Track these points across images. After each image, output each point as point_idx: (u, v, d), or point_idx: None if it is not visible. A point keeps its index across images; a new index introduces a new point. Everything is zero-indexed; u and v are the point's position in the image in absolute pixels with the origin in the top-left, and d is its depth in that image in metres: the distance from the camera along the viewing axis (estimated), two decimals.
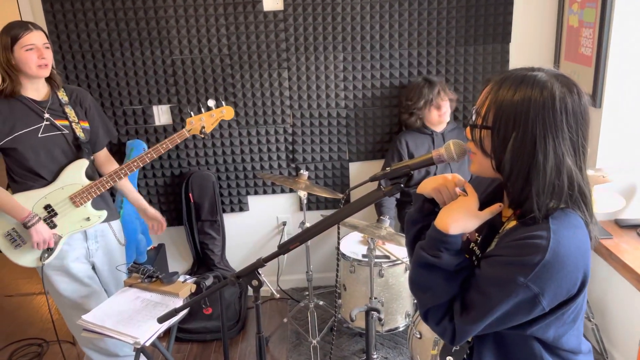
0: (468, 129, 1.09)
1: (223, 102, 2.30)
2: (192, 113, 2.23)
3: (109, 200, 2.34)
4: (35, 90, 2.08)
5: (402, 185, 1.17)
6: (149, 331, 1.94)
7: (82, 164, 2.14)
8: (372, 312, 1.91)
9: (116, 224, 2.36)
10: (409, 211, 1.27)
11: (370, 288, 2.28)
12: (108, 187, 2.15)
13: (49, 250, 2.11)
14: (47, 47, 2.01)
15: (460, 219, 1.07)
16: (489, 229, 1.15)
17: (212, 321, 2.88)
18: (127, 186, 2.36)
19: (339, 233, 1.51)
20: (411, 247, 1.23)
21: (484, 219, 1.08)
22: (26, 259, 2.12)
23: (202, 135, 2.23)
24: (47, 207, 2.09)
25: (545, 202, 1.00)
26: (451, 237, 1.07)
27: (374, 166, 3.08)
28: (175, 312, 1.56)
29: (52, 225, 2.11)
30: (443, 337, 1.11)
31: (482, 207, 1.17)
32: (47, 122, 2.07)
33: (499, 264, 1.01)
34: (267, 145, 3.04)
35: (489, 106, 1.03)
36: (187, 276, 2.27)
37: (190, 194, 3.01)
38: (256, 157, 3.06)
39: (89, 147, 2.18)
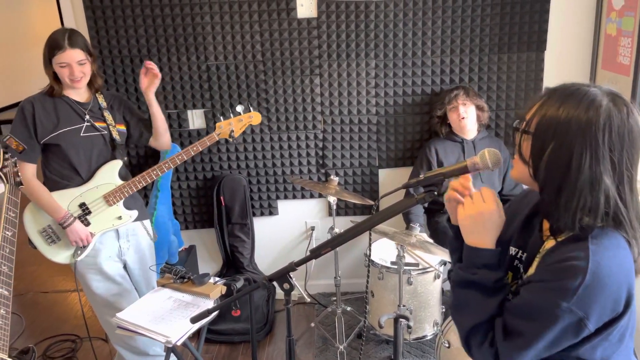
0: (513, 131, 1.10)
1: (251, 108, 2.36)
2: (222, 118, 2.29)
3: (140, 200, 2.42)
4: (78, 93, 2.19)
5: (435, 193, 1.18)
6: (180, 331, 1.98)
7: (116, 164, 2.23)
8: (401, 320, 1.91)
9: (147, 222, 2.43)
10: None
11: (399, 295, 2.28)
12: (140, 187, 2.23)
13: (82, 248, 2.19)
14: (83, 64, 2.09)
15: (481, 231, 1.08)
16: (531, 247, 1.14)
17: (240, 323, 2.92)
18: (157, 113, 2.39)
19: (370, 239, 1.52)
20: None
21: (501, 217, 1.09)
22: (60, 255, 2.21)
23: (231, 139, 2.29)
24: (82, 205, 2.18)
25: (576, 216, 0.99)
26: (484, 251, 1.08)
27: (404, 173, 3.08)
28: (208, 312, 1.59)
29: (86, 223, 2.20)
30: None
31: (528, 223, 1.17)
32: (88, 124, 2.17)
33: (540, 290, 1.00)
34: (298, 151, 3.07)
35: (534, 113, 1.04)
36: (217, 278, 2.31)
37: (221, 197, 3.06)
38: (287, 162, 3.09)
39: (123, 149, 2.28)
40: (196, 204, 3.16)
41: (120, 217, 2.24)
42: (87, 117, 2.17)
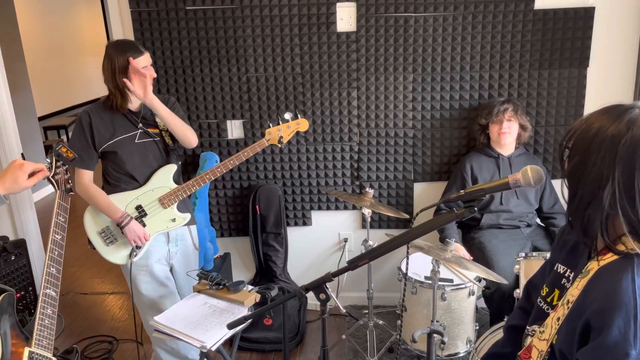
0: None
1: (299, 115, 2.41)
2: (270, 124, 2.35)
3: (190, 206, 2.48)
4: (132, 101, 2.27)
5: (475, 209, 1.18)
6: (215, 336, 2.01)
7: (171, 168, 2.32)
8: (435, 335, 1.89)
9: (194, 229, 2.50)
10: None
11: (433, 311, 2.26)
12: (194, 190, 2.30)
13: (138, 249, 2.28)
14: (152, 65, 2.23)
15: None
16: (579, 268, 1.13)
17: (272, 332, 2.94)
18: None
19: (408, 253, 1.52)
20: None
21: None
22: (117, 255, 2.29)
23: (280, 145, 2.34)
24: (139, 207, 2.27)
25: (589, 229, 1.00)
26: None
27: (439, 187, 3.06)
28: (245, 319, 1.62)
29: (142, 225, 2.28)
30: None
31: (575, 245, 1.16)
32: (141, 130, 2.26)
33: (599, 349, 0.96)
34: (333, 162, 3.09)
35: (576, 129, 1.04)
36: (251, 286, 2.34)
37: (257, 206, 3.11)
38: (322, 174, 3.12)
39: (177, 153, 2.36)
40: (232, 212, 3.22)
41: (174, 220, 2.32)
42: (140, 124, 2.27)
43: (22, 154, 3.43)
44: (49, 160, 1.69)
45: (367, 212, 2.59)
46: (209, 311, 2.17)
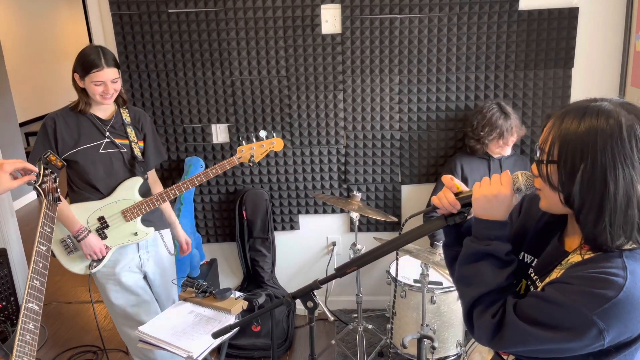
0: (534, 165, 1.08)
1: (274, 134, 2.35)
2: (244, 142, 2.28)
3: (159, 211, 2.39)
4: (102, 109, 2.20)
5: (465, 215, 1.16)
6: (201, 346, 1.97)
7: (136, 181, 2.23)
8: (425, 340, 1.87)
9: (166, 233, 2.43)
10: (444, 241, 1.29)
11: (422, 314, 2.24)
12: (157, 205, 2.23)
13: (98, 261, 2.21)
14: (115, 82, 2.10)
15: (494, 209, 1.09)
16: (549, 257, 1.12)
17: (260, 339, 2.90)
18: (167, 209, 2.44)
19: (397, 259, 1.50)
20: (451, 266, 1.27)
21: (509, 189, 1.09)
22: (76, 266, 2.23)
23: (251, 164, 2.27)
24: (101, 218, 2.20)
25: (618, 234, 0.98)
26: (497, 222, 1.09)
27: (427, 189, 3.05)
28: (230, 328, 1.58)
29: (103, 237, 2.21)
30: (482, 335, 1.08)
31: (545, 231, 1.15)
32: (108, 140, 2.18)
33: (568, 292, 0.98)
34: (320, 166, 3.06)
35: (553, 140, 1.02)
36: (239, 293, 2.30)
37: (243, 211, 3.07)
38: (309, 177, 3.09)
39: (144, 166, 2.28)
40: (218, 218, 3.17)
41: (136, 234, 2.24)
42: (108, 133, 2.18)
43: None
44: (35, 169, 1.63)
45: (355, 215, 2.56)
46: (195, 320, 2.13)
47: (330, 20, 2.82)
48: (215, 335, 1.61)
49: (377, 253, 1.25)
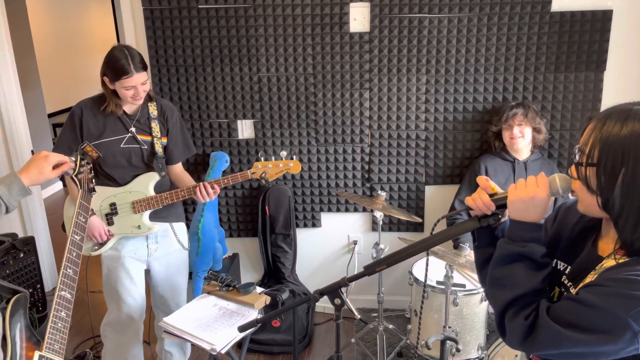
0: (573, 167, 1.07)
1: (294, 157, 2.30)
2: (262, 158, 2.24)
3: (176, 203, 2.37)
4: (129, 105, 2.22)
5: (499, 217, 1.15)
6: (225, 339, 1.99)
7: (152, 176, 2.24)
8: (449, 342, 1.86)
9: (179, 226, 2.41)
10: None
11: (445, 316, 2.23)
12: (166, 204, 2.21)
13: (100, 245, 2.24)
14: (145, 84, 2.12)
15: (530, 212, 1.08)
16: (582, 262, 1.11)
17: (280, 334, 2.92)
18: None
19: (427, 259, 1.49)
20: (482, 270, 1.26)
21: (544, 194, 1.07)
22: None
23: (264, 182, 2.22)
24: (112, 205, 2.23)
25: None
26: (532, 224, 1.08)
27: (451, 190, 3.03)
28: (256, 322, 1.59)
29: (111, 223, 2.24)
30: (514, 337, 1.07)
31: (579, 238, 1.14)
32: (131, 135, 2.20)
33: (602, 294, 0.97)
34: (344, 164, 3.06)
35: (593, 143, 1.01)
36: (260, 288, 2.32)
37: (266, 207, 3.09)
38: (332, 175, 3.09)
39: (164, 162, 2.28)
40: (241, 213, 3.20)
41: (139, 227, 2.24)
42: (132, 128, 2.20)
43: (32, 151, 3.42)
44: (73, 159, 1.67)
45: (379, 215, 2.56)
46: (219, 313, 2.15)
47: (359, 18, 2.82)
48: (242, 328, 1.62)
49: (408, 252, 1.25)
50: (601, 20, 2.71)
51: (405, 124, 2.96)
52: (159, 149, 2.25)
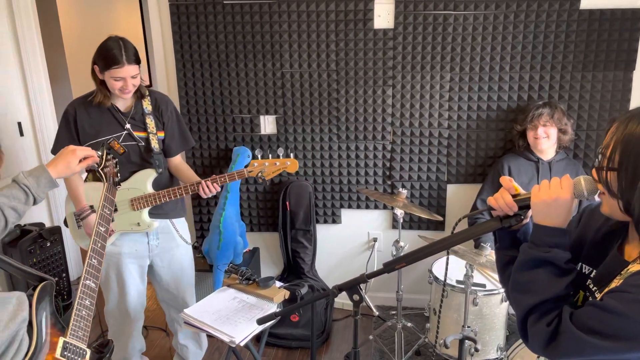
0: (594, 171, 1.05)
1: (291, 155, 2.27)
2: (259, 156, 2.22)
3: (176, 201, 2.37)
4: (122, 100, 2.20)
5: (522, 218, 1.14)
6: (244, 332, 2.02)
7: (150, 173, 2.23)
8: (468, 341, 1.85)
9: (180, 222, 2.42)
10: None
11: (464, 316, 2.21)
12: (164, 201, 2.20)
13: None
14: (135, 77, 2.09)
15: (553, 215, 1.06)
16: (608, 267, 1.09)
17: (298, 329, 2.93)
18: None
19: (448, 257, 1.48)
20: (503, 271, 1.24)
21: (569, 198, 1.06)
22: (83, 241, 2.28)
23: (261, 180, 2.18)
24: None
25: None
26: (557, 229, 1.06)
27: (473, 190, 3.00)
28: (275, 316, 1.61)
29: (111, 220, 2.24)
30: (536, 343, 1.06)
31: (604, 241, 1.12)
32: (127, 132, 2.19)
33: (626, 300, 0.96)
34: (365, 161, 3.06)
35: (614, 146, 0.99)
36: (279, 282, 2.34)
37: (287, 202, 3.10)
38: (353, 172, 3.09)
39: (161, 158, 2.25)
40: (262, 208, 3.22)
41: (138, 224, 2.23)
42: (128, 125, 2.19)
43: None
44: (99, 153, 1.70)
45: (399, 212, 2.55)
46: (239, 306, 2.18)
47: (383, 15, 2.81)
48: (260, 321, 1.64)
49: (428, 251, 1.24)
50: (631, 19, 2.65)
51: (428, 121, 2.94)
52: (155, 145, 2.22)
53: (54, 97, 3.46)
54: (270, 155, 2.19)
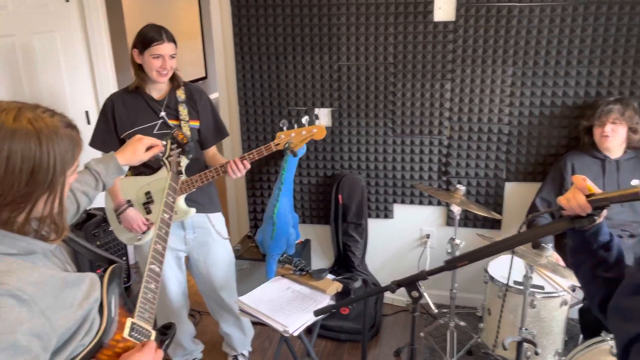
0: None
1: (317, 122, 2.22)
2: (284, 128, 2.18)
3: (211, 195, 2.40)
4: (156, 89, 2.23)
5: (595, 218, 1.09)
6: (297, 322, 2.04)
7: (182, 160, 2.20)
8: (526, 344, 1.79)
9: (216, 216, 2.43)
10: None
11: (522, 318, 2.15)
12: (198, 186, 2.19)
13: (142, 234, 2.26)
14: (173, 57, 2.14)
15: None
16: None
17: (348, 322, 2.94)
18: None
19: (512, 257, 1.44)
20: (578, 271, 1.17)
21: None
22: (124, 236, 2.32)
23: (289, 151, 2.14)
24: (147, 193, 2.25)
25: None
26: None
27: (532, 188, 2.90)
28: (332, 308, 1.62)
29: (148, 211, 2.26)
30: None
31: None
32: (162, 121, 2.21)
33: None
34: (420, 156, 3.01)
35: None
36: (331, 275, 2.34)
37: (339, 195, 3.11)
38: (407, 167, 3.05)
39: (193, 145, 2.25)
40: (314, 200, 3.24)
41: (176, 212, 2.21)
42: (163, 114, 2.21)
43: None
44: (164, 143, 1.75)
45: (456, 209, 2.50)
46: (292, 296, 2.20)
47: (444, 7, 2.75)
48: (317, 313, 1.66)
49: (493, 249, 1.22)
50: None
51: (488, 117, 2.86)
52: (187, 131, 2.23)
53: (118, 85, 3.60)
54: (295, 126, 2.17)
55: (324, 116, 3.07)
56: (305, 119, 2.18)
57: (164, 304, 2.47)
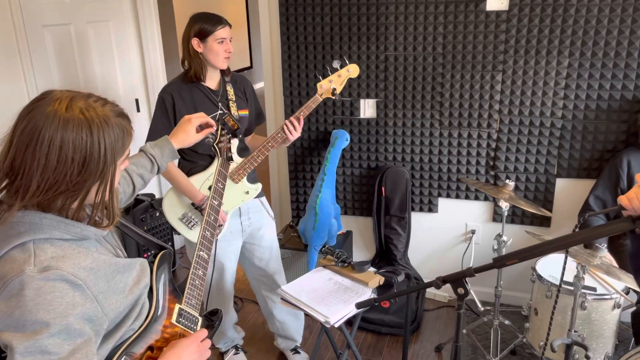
0: None
1: (347, 61, 2.29)
2: (320, 77, 2.26)
3: (256, 176, 2.44)
4: (211, 79, 2.23)
5: None
6: (339, 313, 2.03)
7: (233, 142, 2.18)
8: (576, 347, 1.73)
9: (264, 200, 2.48)
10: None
11: (571, 320, 2.07)
12: (259, 161, 2.22)
13: (219, 227, 2.24)
14: (231, 41, 2.18)
15: None
16: None
17: (388, 315, 2.92)
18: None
19: (566, 256, 1.39)
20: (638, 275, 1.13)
21: None
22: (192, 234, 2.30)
23: (334, 97, 2.23)
24: (211, 187, 2.26)
25: None
26: None
27: (584, 185, 2.78)
28: (374, 301, 1.61)
29: (220, 204, 2.28)
30: None
31: None
32: (220, 112, 2.20)
33: None
34: (467, 149, 2.94)
35: None
36: (372, 268, 2.32)
37: (383, 188, 3.07)
38: (453, 160, 2.98)
39: (241, 130, 2.29)
40: (357, 192, 3.22)
41: (247, 192, 2.27)
42: (220, 104, 2.22)
43: None
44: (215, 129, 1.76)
45: (504, 205, 2.43)
46: (334, 287, 2.20)
47: None
48: (359, 305, 1.65)
49: (546, 248, 1.17)
50: None
51: (540, 110, 2.76)
52: (235, 114, 2.27)
53: (167, 74, 3.67)
54: (320, 77, 2.27)
55: (369, 107, 3.03)
56: (336, 63, 2.29)
57: (216, 295, 2.47)
